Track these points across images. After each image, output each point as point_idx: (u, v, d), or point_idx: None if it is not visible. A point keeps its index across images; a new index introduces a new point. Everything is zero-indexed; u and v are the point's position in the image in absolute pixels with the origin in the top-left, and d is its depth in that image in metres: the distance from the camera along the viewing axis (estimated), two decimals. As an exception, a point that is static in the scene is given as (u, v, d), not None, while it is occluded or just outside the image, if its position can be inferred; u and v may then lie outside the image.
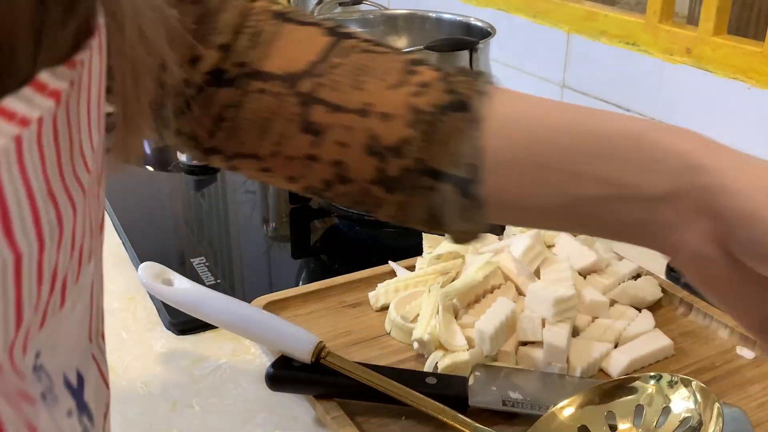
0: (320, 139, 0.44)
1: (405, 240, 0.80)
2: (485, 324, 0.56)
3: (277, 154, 0.45)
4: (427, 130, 0.42)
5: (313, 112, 0.44)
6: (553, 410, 0.50)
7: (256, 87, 0.44)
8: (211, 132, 0.46)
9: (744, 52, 0.82)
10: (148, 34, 0.39)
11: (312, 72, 0.44)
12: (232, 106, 0.45)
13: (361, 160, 0.43)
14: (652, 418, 0.48)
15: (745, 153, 0.38)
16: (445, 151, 0.42)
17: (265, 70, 0.44)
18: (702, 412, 0.47)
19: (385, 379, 0.52)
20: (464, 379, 0.54)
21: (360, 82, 0.44)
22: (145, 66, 0.40)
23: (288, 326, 0.56)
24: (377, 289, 0.66)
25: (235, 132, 0.45)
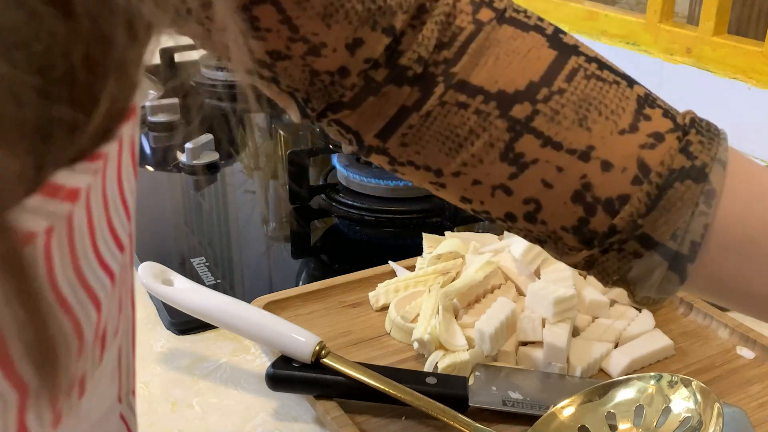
0: (522, 173, 0.38)
1: (405, 240, 0.80)
2: (485, 324, 0.56)
3: (462, 174, 0.40)
4: (652, 193, 0.37)
5: (522, 142, 0.38)
6: (553, 410, 0.50)
7: (456, 99, 0.38)
8: (381, 133, 0.40)
9: (744, 52, 0.82)
10: (290, 14, 0.35)
11: (531, 96, 0.38)
12: (416, 112, 0.39)
13: (563, 205, 0.38)
14: (652, 418, 0.48)
15: None
16: (669, 221, 0.37)
17: (471, 81, 0.38)
18: (702, 412, 0.47)
19: (385, 379, 0.52)
20: (464, 379, 0.54)
21: (585, 119, 0.38)
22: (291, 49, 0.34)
23: (288, 326, 0.56)
24: (377, 289, 0.66)
25: (417, 141, 0.39)
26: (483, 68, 0.38)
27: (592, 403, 0.50)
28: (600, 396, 0.50)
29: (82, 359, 0.19)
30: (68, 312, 0.18)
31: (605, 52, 1.02)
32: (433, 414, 0.51)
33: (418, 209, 0.84)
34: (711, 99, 0.86)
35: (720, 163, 0.37)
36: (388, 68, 0.38)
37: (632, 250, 0.38)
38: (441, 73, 0.38)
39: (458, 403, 0.52)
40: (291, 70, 0.37)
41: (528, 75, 0.38)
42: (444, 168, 0.40)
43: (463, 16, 0.38)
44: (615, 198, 0.38)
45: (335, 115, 0.40)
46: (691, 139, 0.38)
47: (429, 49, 0.38)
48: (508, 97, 0.38)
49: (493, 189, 0.39)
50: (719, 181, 0.37)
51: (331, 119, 0.40)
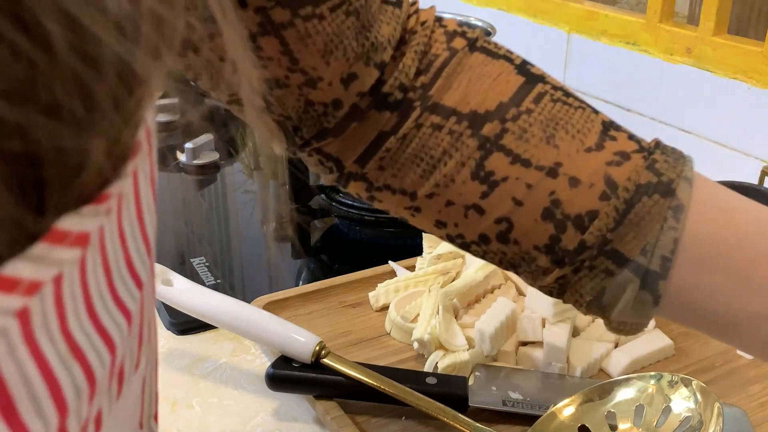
0: (493, 191, 0.39)
1: (405, 240, 0.80)
2: (485, 324, 0.56)
3: (435, 196, 0.40)
4: (620, 208, 0.38)
5: (492, 160, 0.39)
6: (553, 410, 0.50)
7: (431, 121, 0.39)
8: (360, 158, 0.41)
9: (744, 52, 0.82)
10: (293, 48, 0.37)
11: (500, 115, 0.39)
12: (393, 135, 0.40)
13: (534, 223, 0.39)
14: (653, 418, 0.48)
15: None
16: (638, 235, 0.37)
17: (444, 104, 0.39)
18: (702, 411, 0.47)
19: (385, 379, 0.52)
20: (464, 379, 0.54)
21: (552, 137, 0.39)
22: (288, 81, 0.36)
23: (288, 326, 0.56)
24: (377, 289, 0.66)
25: (394, 164, 0.41)
26: (456, 90, 0.40)
27: (592, 403, 0.50)
28: (600, 396, 0.50)
29: (96, 399, 0.18)
30: (80, 359, 0.17)
31: (605, 52, 1.03)
32: (433, 414, 0.51)
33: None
34: (711, 99, 0.86)
35: (686, 180, 0.38)
36: (371, 96, 0.40)
37: (603, 268, 0.38)
38: (418, 98, 0.40)
39: (458, 403, 0.52)
40: (286, 98, 0.39)
41: (498, 97, 0.39)
42: (419, 190, 0.41)
43: (438, 45, 0.40)
44: (584, 214, 0.38)
45: (319, 143, 0.41)
46: (657, 158, 0.38)
47: (410, 77, 0.40)
48: (479, 117, 0.39)
49: (466, 209, 0.40)
50: (686, 197, 0.37)
51: (313, 148, 0.41)
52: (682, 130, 0.91)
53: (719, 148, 0.87)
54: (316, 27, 0.37)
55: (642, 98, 0.96)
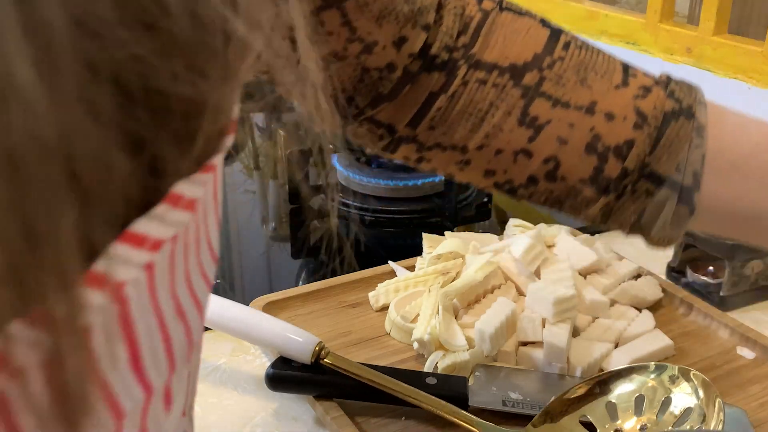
0: (539, 134, 0.43)
1: (405, 240, 0.80)
2: (485, 324, 0.56)
3: (485, 147, 0.44)
4: (652, 134, 0.42)
5: (535, 106, 0.43)
6: (555, 401, 0.50)
7: (476, 77, 0.43)
8: (412, 120, 0.44)
9: (744, 51, 0.82)
10: (352, 17, 0.40)
11: (537, 65, 0.43)
12: (443, 94, 0.43)
13: (579, 158, 0.43)
14: (654, 409, 0.48)
15: None
16: (670, 156, 0.42)
17: (486, 60, 0.43)
18: (705, 405, 0.47)
19: (385, 378, 0.52)
20: (464, 379, 0.54)
21: (585, 80, 0.43)
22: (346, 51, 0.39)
23: (287, 327, 0.56)
24: (377, 289, 0.66)
25: (444, 122, 0.44)
26: (494, 47, 0.43)
27: (594, 395, 0.50)
28: (601, 387, 0.50)
29: (188, 363, 0.20)
30: (183, 320, 0.18)
31: (605, 52, 1.01)
32: (434, 410, 0.51)
33: (418, 209, 0.84)
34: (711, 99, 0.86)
35: (702, 104, 0.43)
36: (420, 58, 0.43)
37: (644, 190, 0.43)
38: (461, 57, 0.43)
39: (458, 404, 0.52)
40: (343, 70, 0.42)
41: (532, 48, 0.43)
42: (469, 143, 0.44)
43: (471, 7, 0.44)
44: (622, 143, 0.43)
45: (373, 111, 0.44)
46: (674, 88, 0.44)
47: (453, 38, 0.43)
48: (519, 69, 0.43)
49: (515, 155, 0.44)
50: (704, 118, 0.43)
51: (366, 117, 0.44)
52: (682, 130, 0.91)
53: (719, 148, 0.87)
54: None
55: (642, 98, 0.96)
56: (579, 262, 0.65)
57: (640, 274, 0.68)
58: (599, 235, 0.76)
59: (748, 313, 0.68)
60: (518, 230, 0.72)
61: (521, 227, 0.72)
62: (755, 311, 0.69)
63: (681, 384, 0.50)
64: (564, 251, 0.66)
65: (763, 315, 0.69)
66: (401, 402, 0.52)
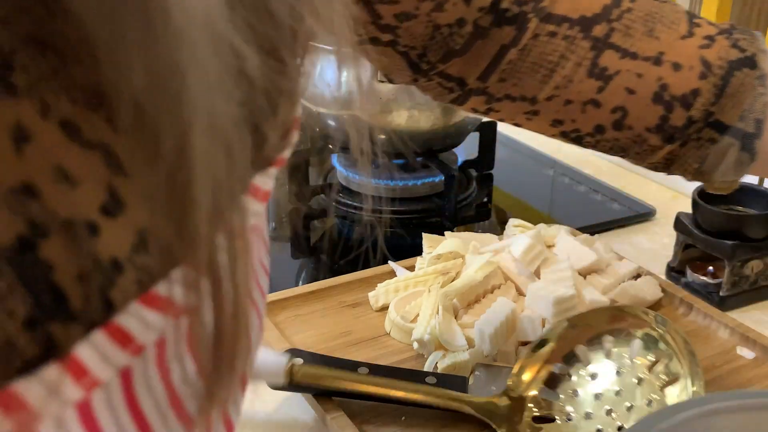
0: (608, 85, 0.44)
1: (405, 240, 0.80)
2: (485, 324, 0.56)
3: (554, 98, 0.45)
4: (717, 84, 0.44)
5: (604, 57, 0.44)
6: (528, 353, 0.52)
7: (546, 30, 0.44)
8: (483, 73, 0.45)
9: (744, 51, 0.82)
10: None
11: (606, 16, 0.44)
12: (514, 47, 0.44)
13: (646, 107, 0.44)
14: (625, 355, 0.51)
15: None
16: (735, 105, 0.43)
17: (556, 12, 0.44)
18: (679, 357, 0.49)
19: (361, 378, 0.52)
20: (464, 378, 0.54)
21: (652, 30, 0.44)
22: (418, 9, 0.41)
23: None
24: (377, 289, 0.66)
25: (515, 74, 0.45)
26: (564, 0, 0.44)
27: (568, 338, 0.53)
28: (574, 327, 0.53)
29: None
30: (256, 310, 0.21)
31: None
32: (430, 400, 0.51)
33: (418, 209, 0.84)
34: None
35: (764, 52, 0.44)
36: (492, 13, 0.44)
37: (708, 137, 0.44)
38: (531, 10, 0.44)
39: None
40: (414, 28, 0.43)
41: (600, 1, 0.44)
42: (539, 94, 0.45)
43: None
44: (688, 93, 0.44)
45: (444, 65, 0.45)
46: (737, 36, 0.45)
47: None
48: (588, 21, 0.44)
49: (583, 105, 0.45)
50: (767, 66, 0.44)
51: (437, 72, 0.45)
52: (682, 130, 0.91)
53: (719, 148, 0.87)
54: None
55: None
56: (579, 262, 0.65)
57: (640, 274, 0.68)
58: (599, 235, 0.76)
59: (748, 313, 0.68)
60: (518, 230, 0.72)
61: (521, 227, 0.72)
62: (755, 311, 0.69)
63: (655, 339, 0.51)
64: (564, 251, 0.66)
65: (763, 315, 0.69)
66: (401, 401, 0.52)
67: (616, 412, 0.50)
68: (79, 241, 0.15)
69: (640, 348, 0.52)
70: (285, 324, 0.63)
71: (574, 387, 0.51)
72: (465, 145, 0.90)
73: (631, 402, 0.50)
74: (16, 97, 0.14)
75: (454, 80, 0.46)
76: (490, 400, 0.51)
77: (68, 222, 0.15)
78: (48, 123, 0.15)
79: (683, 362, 0.49)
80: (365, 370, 0.54)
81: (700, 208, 0.69)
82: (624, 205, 0.88)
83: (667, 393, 0.49)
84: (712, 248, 0.68)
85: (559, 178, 0.97)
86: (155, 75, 0.14)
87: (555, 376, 0.52)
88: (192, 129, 0.15)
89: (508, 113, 0.47)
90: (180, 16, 0.14)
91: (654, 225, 0.85)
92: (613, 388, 0.51)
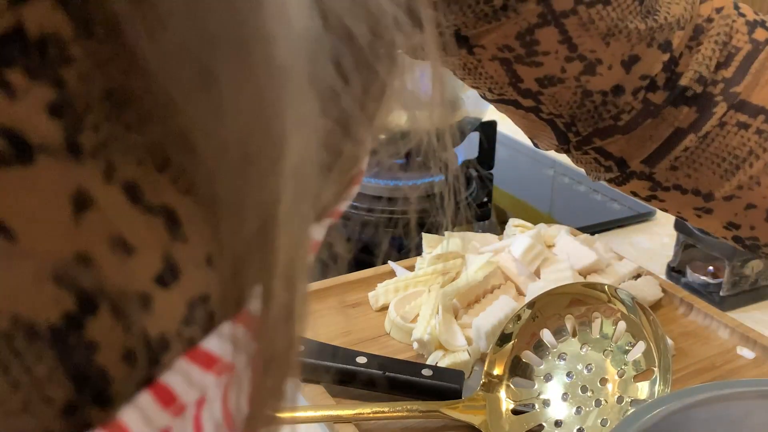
0: None
1: (405, 240, 0.80)
2: (483, 321, 0.56)
3: (734, 198, 0.39)
4: None
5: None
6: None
7: (737, 119, 0.37)
8: (650, 157, 0.39)
9: (744, 51, 0.82)
10: (572, 34, 0.36)
11: None
12: (694, 133, 0.38)
13: None
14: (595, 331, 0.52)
15: None
16: None
17: (752, 101, 0.37)
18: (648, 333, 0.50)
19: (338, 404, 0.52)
20: (461, 372, 0.54)
21: None
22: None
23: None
24: (377, 289, 0.66)
25: (690, 164, 0.39)
26: (764, 87, 0.38)
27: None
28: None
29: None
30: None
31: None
32: (405, 415, 0.51)
33: (418, 209, 0.84)
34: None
35: None
36: (667, 90, 0.38)
37: None
38: (720, 93, 0.38)
39: (452, 397, 0.52)
40: (560, 94, 0.38)
41: None
42: (716, 191, 0.39)
43: (739, 36, 0.38)
44: None
45: (602, 141, 0.39)
46: None
47: (710, 69, 0.38)
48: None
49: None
50: None
51: (594, 146, 0.40)
52: (683, 130, 0.91)
53: (719, 148, 0.87)
54: (600, 13, 0.35)
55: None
56: (579, 262, 0.65)
57: (640, 274, 0.68)
58: (599, 235, 0.76)
59: (748, 313, 0.68)
60: (518, 230, 0.72)
61: (521, 227, 0.72)
62: (755, 311, 0.69)
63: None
64: (564, 251, 0.66)
65: (763, 315, 0.69)
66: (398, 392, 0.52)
67: (591, 389, 0.50)
68: (129, 317, 0.13)
69: (601, 324, 0.52)
70: (285, 324, 0.63)
71: (545, 372, 0.52)
72: (465, 145, 0.90)
73: (602, 375, 0.51)
74: (80, 160, 0.13)
75: (614, 159, 0.40)
76: (466, 403, 0.51)
77: (120, 295, 0.13)
78: (111, 187, 0.13)
79: (644, 326, 0.50)
80: (363, 359, 0.54)
81: (700, 208, 0.69)
82: (624, 205, 0.88)
83: (631, 358, 0.50)
84: (712, 248, 0.68)
85: (559, 178, 0.97)
86: (250, 121, 0.13)
87: (525, 365, 0.53)
88: (284, 188, 0.13)
89: (674, 205, 0.41)
90: (283, 51, 0.12)
91: (654, 225, 0.85)
92: (583, 364, 0.51)
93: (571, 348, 0.52)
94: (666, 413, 0.31)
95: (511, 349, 0.53)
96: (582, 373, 0.51)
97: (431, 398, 0.53)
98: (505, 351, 0.53)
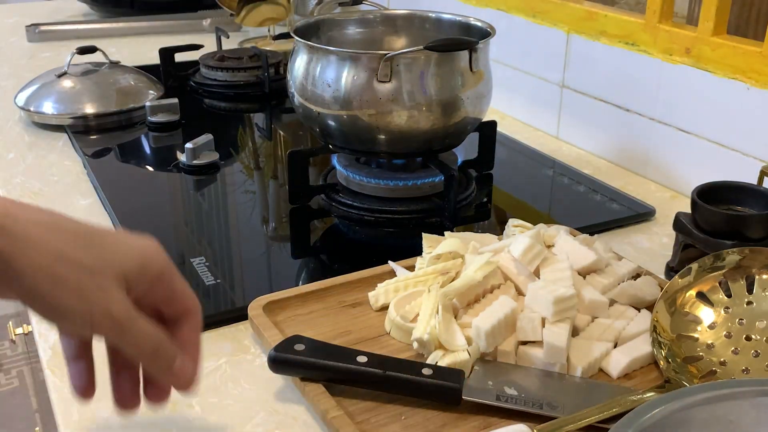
0: None
1: (405, 240, 0.80)
2: (483, 321, 0.57)
3: None
4: None
5: None
6: None
7: None
8: None
9: (744, 52, 0.82)
10: None
11: None
12: None
13: None
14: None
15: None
16: None
17: None
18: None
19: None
20: (461, 372, 0.54)
21: None
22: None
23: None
24: (377, 289, 0.66)
25: None
26: None
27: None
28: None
29: None
30: None
31: (605, 52, 1.02)
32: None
33: (418, 209, 0.84)
34: (710, 99, 0.86)
35: None
36: None
37: None
38: None
39: (451, 396, 0.53)
40: None
41: None
42: None
43: None
44: None
45: None
46: None
47: None
48: None
49: None
50: None
51: None
52: (682, 130, 0.91)
53: (718, 148, 0.87)
54: None
55: (641, 98, 0.96)
56: (578, 261, 0.65)
57: (639, 274, 0.68)
58: (598, 235, 0.77)
59: (747, 313, 0.68)
60: (517, 230, 0.72)
61: (520, 227, 0.72)
62: (754, 311, 0.69)
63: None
64: (563, 251, 0.66)
65: (762, 315, 0.69)
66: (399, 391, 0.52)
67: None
68: None
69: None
70: (285, 324, 0.63)
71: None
72: (465, 145, 0.91)
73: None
74: None
75: None
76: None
77: None
78: None
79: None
80: (364, 358, 0.54)
81: (699, 208, 0.69)
82: (623, 205, 0.88)
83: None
84: (711, 248, 0.68)
85: (559, 178, 0.98)
86: None
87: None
88: None
89: None
90: None
91: (653, 225, 0.86)
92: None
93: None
94: (666, 413, 0.32)
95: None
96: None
97: (431, 398, 0.54)
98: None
